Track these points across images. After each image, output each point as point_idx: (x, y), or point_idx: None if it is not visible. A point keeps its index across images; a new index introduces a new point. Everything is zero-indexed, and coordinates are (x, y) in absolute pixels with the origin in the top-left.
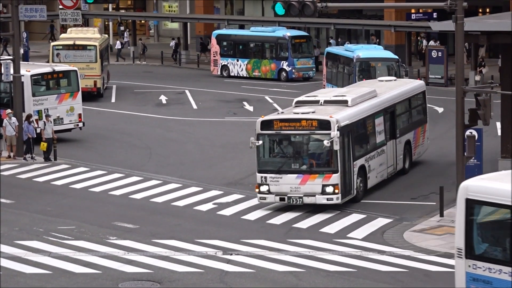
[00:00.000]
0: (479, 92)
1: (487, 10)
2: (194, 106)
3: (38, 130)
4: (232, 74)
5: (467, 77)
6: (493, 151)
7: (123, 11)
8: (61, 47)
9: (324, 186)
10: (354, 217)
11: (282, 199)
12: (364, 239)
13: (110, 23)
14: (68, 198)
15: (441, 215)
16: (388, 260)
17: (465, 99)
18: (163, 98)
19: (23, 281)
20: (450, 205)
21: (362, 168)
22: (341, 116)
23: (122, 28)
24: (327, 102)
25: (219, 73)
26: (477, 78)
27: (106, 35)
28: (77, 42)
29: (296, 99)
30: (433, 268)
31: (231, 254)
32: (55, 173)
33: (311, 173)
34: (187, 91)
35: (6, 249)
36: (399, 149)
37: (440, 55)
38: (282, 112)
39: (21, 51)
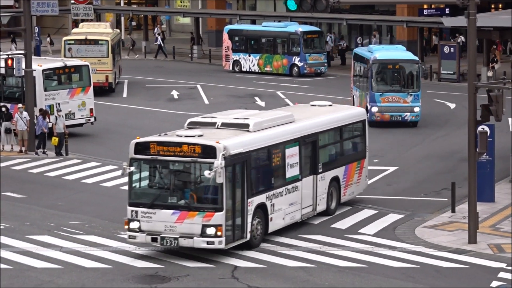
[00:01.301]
0: (491, 88)
1: (500, 6)
2: (206, 101)
3: (50, 125)
4: (244, 69)
5: (479, 73)
6: (505, 147)
7: (135, 6)
8: (73, 42)
9: (204, 226)
10: (366, 213)
11: (154, 240)
12: (375, 235)
13: (122, 18)
14: (80, 193)
15: (453, 211)
16: (400, 256)
17: (477, 95)
18: (174, 93)
19: (34, 276)
20: (462, 201)
21: (262, 207)
22: (232, 143)
23: (134, 23)
24: (225, 125)
25: (230, 68)
26: (490, 74)
27: (118, 30)
28: (89, 37)
29: (189, 120)
30: (444, 264)
31: (242, 249)
32: (67, 168)
33: (190, 210)
34: (198, 86)
35: (17, 243)
36: (321, 187)
37: (452, 50)
38: (166, 134)
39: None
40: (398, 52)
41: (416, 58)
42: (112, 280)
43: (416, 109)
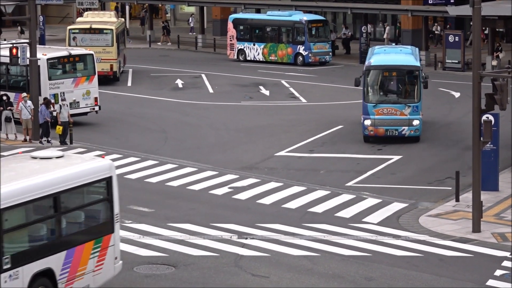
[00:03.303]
0: (496, 77)
1: None
2: (210, 90)
3: (54, 114)
4: (248, 58)
5: (484, 62)
6: (510, 136)
7: None
8: (77, 31)
9: None
10: (370, 202)
11: None
12: (379, 224)
13: (127, 7)
14: None
15: (457, 200)
16: (403, 245)
17: (482, 84)
18: (179, 82)
19: None
20: (466, 190)
21: None
22: None
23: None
24: None
25: (235, 57)
26: (494, 63)
27: (122, 19)
28: (94, 26)
29: None
30: (448, 253)
31: (246, 238)
32: None
33: None
34: (203, 75)
35: None
36: None
37: (457, 39)
38: None
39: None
40: (397, 57)
41: (417, 64)
42: None
43: (416, 122)
